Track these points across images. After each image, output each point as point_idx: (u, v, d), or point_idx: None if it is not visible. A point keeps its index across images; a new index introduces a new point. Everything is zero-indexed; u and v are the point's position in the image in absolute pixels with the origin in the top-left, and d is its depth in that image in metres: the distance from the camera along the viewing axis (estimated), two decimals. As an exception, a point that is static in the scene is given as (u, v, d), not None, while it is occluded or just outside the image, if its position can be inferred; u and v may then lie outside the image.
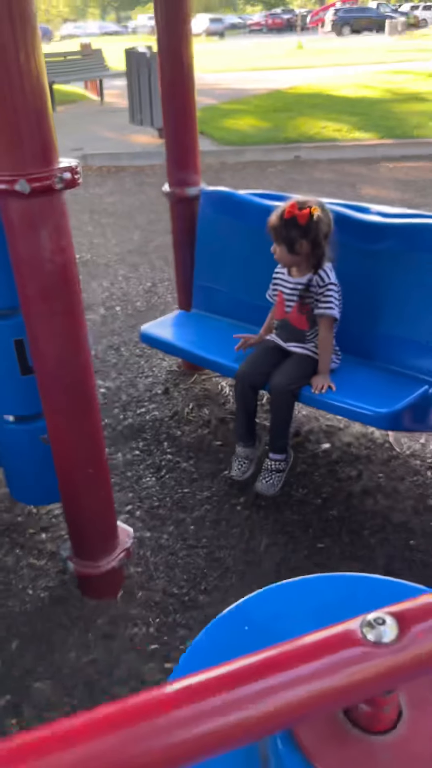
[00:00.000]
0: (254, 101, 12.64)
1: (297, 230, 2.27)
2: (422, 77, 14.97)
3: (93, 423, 1.86)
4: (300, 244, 2.30)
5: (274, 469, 2.51)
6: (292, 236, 2.29)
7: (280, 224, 2.29)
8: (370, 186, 7.18)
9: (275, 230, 2.33)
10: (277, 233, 2.33)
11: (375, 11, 43.85)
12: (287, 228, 2.28)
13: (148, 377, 3.50)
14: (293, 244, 2.31)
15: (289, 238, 2.30)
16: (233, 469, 2.60)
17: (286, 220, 2.27)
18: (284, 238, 2.31)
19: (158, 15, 2.72)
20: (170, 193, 3.04)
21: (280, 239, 2.33)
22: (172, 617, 2.08)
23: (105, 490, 1.98)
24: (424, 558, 2.25)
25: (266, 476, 2.51)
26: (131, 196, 7.23)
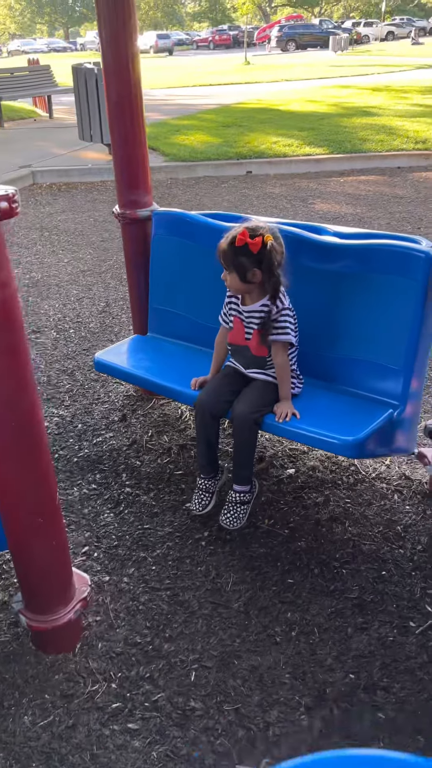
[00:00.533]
0: (204, 117, 12.66)
1: (249, 259, 2.17)
2: (367, 91, 15.29)
3: (42, 468, 1.72)
4: (252, 272, 2.20)
5: (238, 501, 2.40)
6: (244, 265, 2.18)
7: (231, 252, 2.18)
8: (321, 201, 7.21)
9: (225, 258, 2.22)
10: (228, 261, 2.21)
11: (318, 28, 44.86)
12: (238, 256, 2.17)
13: (105, 403, 3.36)
14: (245, 272, 2.20)
15: (241, 266, 2.19)
16: (193, 503, 2.48)
17: (238, 248, 2.16)
18: (236, 266, 2.20)
19: (102, 31, 2.62)
20: (121, 214, 2.93)
21: (232, 267, 2.22)
22: (135, 670, 1.94)
23: (58, 539, 1.84)
24: (396, 590, 2.17)
25: (230, 509, 2.40)
26: (83, 214, 7.08)
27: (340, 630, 2.04)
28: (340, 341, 2.43)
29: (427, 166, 8.60)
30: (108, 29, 2.59)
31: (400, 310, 2.28)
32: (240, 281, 2.23)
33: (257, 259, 2.17)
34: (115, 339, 4.07)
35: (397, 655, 1.95)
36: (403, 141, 9.23)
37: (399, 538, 2.39)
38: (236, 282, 2.25)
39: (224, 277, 2.29)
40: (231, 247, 2.18)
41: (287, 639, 2.02)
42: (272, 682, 1.89)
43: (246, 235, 2.14)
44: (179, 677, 1.92)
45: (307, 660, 1.95)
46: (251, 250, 2.15)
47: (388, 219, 6.38)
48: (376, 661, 1.94)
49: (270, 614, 2.10)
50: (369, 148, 9.04)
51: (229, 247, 2.18)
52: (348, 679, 1.89)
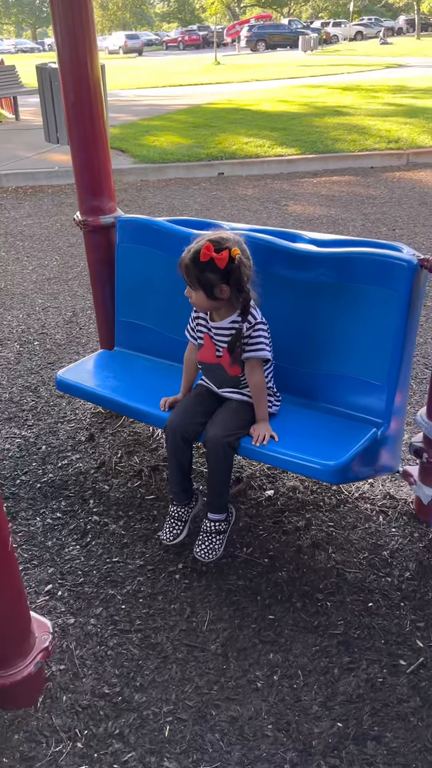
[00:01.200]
0: (174, 117, 12.48)
1: (216, 275, 1.99)
2: (337, 91, 15.25)
3: (-8, 511, 1.53)
4: (220, 289, 2.03)
5: (213, 531, 2.23)
6: (211, 281, 2.01)
7: (195, 268, 2.00)
8: (294, 202, 7.08)
9: (189, 274, 2.03)
10: (192, 278, 2.03)
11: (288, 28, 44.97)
12: (204, 272, 1.99)
13: (71, 422, 3.16)
14: (212, 289, 2.02)
15: (207, 283, 2.01)
16: (164, 532, 2.30)
17: (203, 263, 1.98)
18: (201, 283, 2.02)
19: (57, 27, 2.43)
20: (83, 221, 2.74)
21: (197, 284, 2.03)
22: (104, 726, 1.76)
23: (12, 588, 1.65)
24: (384, 624, 2.02)
25: (205, 540, 2.23)
26: (50, 218, 6.85)
27: (326, 671, 1.89)
28: (318, 356, 2.28)
29: (399, 166, 8.53)
30: (63, 25, 2.40)
31: (382, 322, 2.13)
32: (207, 299, 2.06)
33: (224, 274, 1.99)
34: (82, 351, 3.88)
35: (388, 698, 1.80)
36: (376, 140, 9.16)
37: (386, 565, 2.24)
38: (202, 300, 2.07)
39: (188, 293, 2.10)
40: (195, 262, 1.99)
41: (269, 684, 1.86)
42: (254, 735, 1.72)
43: (210, 249, 1.96)
44: (152, 733, 1.74)
45: (291, 707, 1.79)
46: (217, 265, 1.97)
47: (362, 221, 6.27)
48: (365, 707, 1.78)
49: (250, 656, 1.94)
50: (341, 148, 8.94)
51: (193, 262, 2.00)
52: (336, 729, 1.73)
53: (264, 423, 2.16)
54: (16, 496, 2.65)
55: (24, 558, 2.32)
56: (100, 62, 7.58)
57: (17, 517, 2.53)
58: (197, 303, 2.11)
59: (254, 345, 2.12)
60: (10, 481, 2.73)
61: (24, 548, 2.37)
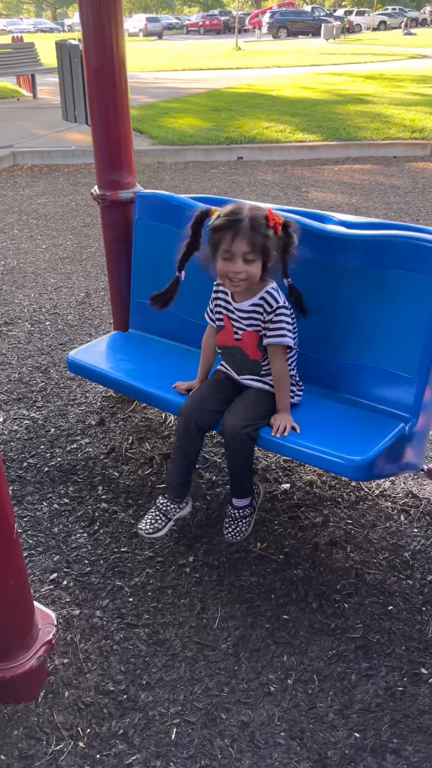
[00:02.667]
0: (193, 100, 12.29)
1: (275, 241, 1.93)
2: (360, 79, 14.99)
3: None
4: (273, 256, 1.96)
5: (239, 517, 2.12)
6: (271, 248, 1.93)
7: (259, 235, 1.88)
8: (316, 189, 6.92)
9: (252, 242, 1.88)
10: (255, 246, 1.89)
11: (310, 15, 44.38)
12: (268, 239, 1.90)
13: (81, 405, 3.06)
14: (270, 259, 1.94)
15: (269, 250, 1.93)
16: (144, 522, 2.11)
17: (271, 228, 1.90)
18: (265, 251, 1.91)
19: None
20: (100, 196, 2.62)
21: (260, 253, 1.91)
22: (107, 725, 1.67)
23: (16, 578, 1.55)
24: (405, 629, 1.91)
25: (232, 524, 2.12)
26: (65, 197, 6.73)
27: (343, 677, 1.78)
28: (345, 345, 2.16)
29: (423, 156, 8.34)
30: (88, -15, 2.27)
31: (415, 310, 2.01)
32: (263, 270, 1.96)
33: (276, 240, 1.94)
34: (94, 333, 3.77)
35: (408, 709, 1.70)
36: (399, 129, 8.95)
37: (407, 567, 2.13)
38: (258, 271, 1.94)
39: (236, 269, 1.91)
40: (266, 230, 1.89)
41: (282, 688, 1.76)
42: (265, 743, 1.63)
43: (273, 214, 1.90)
44: (158, 735, 1.65)
45: (306, 714, 1.69)
46: (276, 231, 1.92)
47: (385, 210, 6.11)
48: (384, 717, 1.68)
49: (263, 658, 1.84)
50: (364, 136, 8.75)
51: (265, 231, 1.89)
52: (353, 740, 1.63)
53: (285, 413, 2.04)
54: (23, 479, 2.56)
55: (29, 544, 2.23)
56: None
57: (23, 501, 2.44)
58: (253, 275, 1.94)
59: (276, 330, 2.00)
60: (17, 464, 2.64)
61: (29, 534, 2.28)
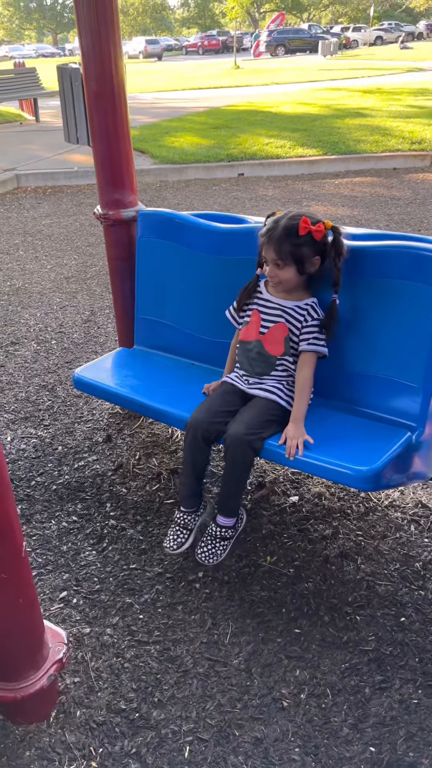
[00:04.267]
0: (194, 119, 12.42)
1: (311, 248, 2.04)
2: (358, 93, 15.11)
3: (6, 512, 1.44)
4: (312, 262, 2.07)
5: (218, 537, 2.12)
6: (305, 255, 2.04)
7: (289, 243, 2.02)
8: (317, 203, 6.96)
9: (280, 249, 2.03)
10: (283, 252, 2.03)
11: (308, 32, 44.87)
12: (300, 246, 2.03)
13: (88, 422, 3.07)
14: (305, 263, 2.06)
15: (301, 257, 2.04)
16: (168, 540, 2.18)
17: (300, 237, 2.02)
18: (295, 257, 2.04)
19: (80, 13, 2.34)
20: (103, 215, 2.65)
21: (289, 259, 2.04)
22: (120, 744, 1.66)
23: (25, 596, 1.55)
24: (418, 641, 1.89)
25: (208, 543, 2.12)
26: (68, 218, 6.80)
27: (357, 691, 1.77)
28: (350, 355, 2.16)
29: (423, 167, 8.38)
30: (86, 13, 2.32)
31: (419, 319, 2.01)
32: (297, 274, 2.07)
33: (320, 247, 2.05)
34: (100, 350, 3.79)
35: (424, 721, 1.68)
36: (399, 142, 9.01)
37: (418, 577, 2.12)
38: (293, 275, 2.07)
39: (270, 273, 2.10)
40: (289, 236, 2.01)
41: (296, 703, 1.74)
42: (280, 759, 1.61)
43: (308, 222, 2.01)
44: (171, 753, 1.63)
45: (320, 729, 1.67)
46: (314, 238, 2.02)
47: (386, 221, 6.14)
48: (399, 730, 1.66)
49: (275, 672, 1.82)
50: (364, 149, 8.81)
51: (286, 236, 2.01)
52: (368, 754, 1.61)
53: (299, 424, 2.03)
54: (31, 498, 2.56)
55: (38, 563, 2.23)
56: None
57: (32, 520, 2.44)
58: (287, 280, 2.09)
59: (316, 339, 2.09)
60: (25, 483, 2.64)
61: (38, 552, 2.28)
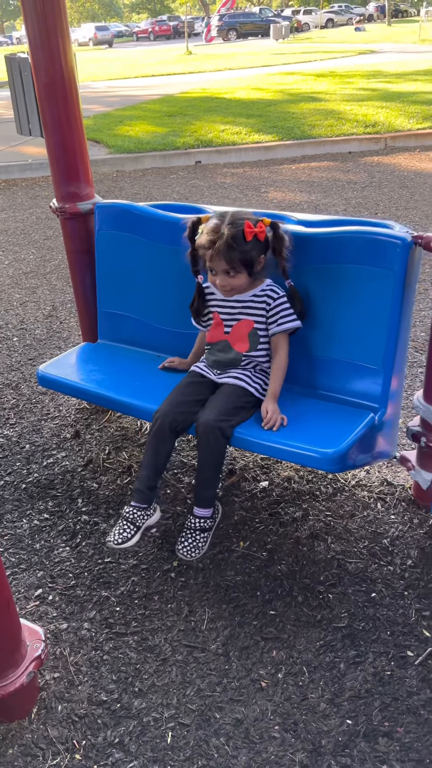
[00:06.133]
0: (148, 107, 12.30)
1: (258, 250, 2.04)
2: (311, 77, 15.16)
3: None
4: (259, 261, 2.07)
5: (198, 528, 2.14)
6: (254, 258, 2.04)
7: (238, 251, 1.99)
8: (275, 189, 6.99)
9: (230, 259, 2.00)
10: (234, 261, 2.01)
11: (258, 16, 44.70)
12: (248, 251, 2.01)
13: (55, 419, 3.06)
14: (255, 266, 2.06)
15: (252, 261, 2.04)
16: (113, 534, 2.20)
17: (248, 243, 2.00)
18: (246, 263, 2.03)
19: (26, 4, 2.31)
20: (59, 209, 2.62)
21: (241, 266, 2.03)
22: (102, 734, 1.68)
23: (1, 597, 1.55)
24: (389, 615, 1.95)
25: (188, 537, 2.14)
26: (24, 211, 6.69)
27: (332, 667, 1.82)
28: (311, 340, 2.20)
29: (378, 150, 8.47)
30: (31, 1, 2.28)
31: (377, 303, 2.05)
32: (248, 277, 2.08)
33: (264, 246, 2.05)
34: (63, 346, 3.77)
35: (397, 692, 1.74)
36: (353, 125, 9.08)
37: (387, 553, 2.18)
38: (245, 280, 2.08)
39: (221, 281, 2.07)
40: (237, 243, 1.99)
41: (274, 683, 1.78)
42: (260, 737, 1.65)
43: (251, 226, 1.99)
44: (153, 740, 1.66)
45: (298, 706, 1.72)
46: (259, 239, 2.02)
47: (344, 205, 6.20)
48: (374, 702, 1.72)
49: (252, 655, 1.86)
50: (319, 133, 8.85)
51: (234, 244, 1.98)
52: (345, 726, 1.66)
53: (274, 402, 2.09)
54: (0, 497, 2.54)
55: (11, 562, 2.22)
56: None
57: (2, 519, 2.43)
58: (239, 285, 2.09)
59: (285, 317, 2.12)
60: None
61: (11, 552, 2.27)
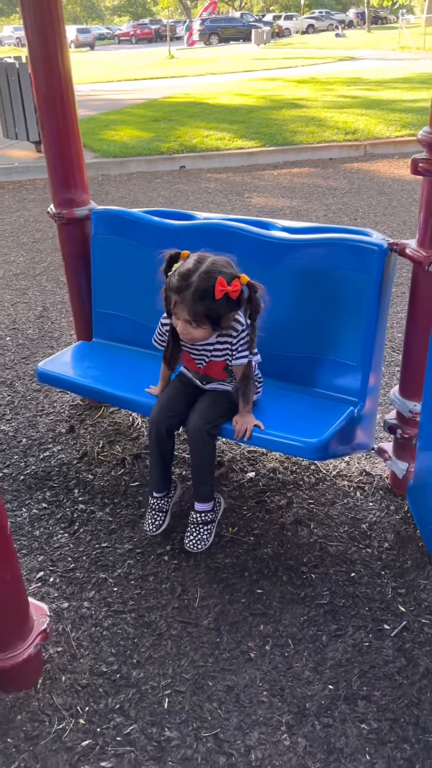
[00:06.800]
0: (132, 111, 12.43)
1: (227, 307, 1.96)
2: (293, 84, 15.41)
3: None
4: (227, 317, 2.00)
5: (200, 522, 2.28)
6: (221, 314, 1.96)
7: (203, 305, 1.91)
8: (257, 194, 7.17)
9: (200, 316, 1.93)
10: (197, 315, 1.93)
11: (240, 21, 45.03)
12: (214, 309, 1.93)
13: (50, 415, 3.19)
14: (221, 322, 1.99)
15: (217, 317, 1.96)
16: (147, 524, 2.35)
17: (216, 301, 1.91)
18: (211, 319, 1.95)
19: (28, 22, 2.44)
20: (57, 214, 2.76)
21: (204, 321, 1.95)
22: (104, 702, 1.82)
23: (12, 572, 1.69)
24: (368, 592, 2.12)
25: (193, 531, 2.27)
26: (12, 214, 6.78)
27: (315, 639, 1.98)
28: (295, 340, 2.36)
29: (358, 157, 8.70)
30: (34, 18, 2.42)
31: (356, 305, 2.22)
32: (212, 331, 2.02)
33: (236, 303, 1.97)
34: (55, 345, 3.89)
35: (375, 660, 1.90)
36: (334, 132, 9.31)
37: (365, 537, 2.35)
38: (207, 334, 2.01)
39: (181, 330, 2.00)
40: (203, 299, 1.90)
41: (262, 654, 1.94)
42: (250, 702, 1.80)
43: (224, 284, 1.90)
44: (151, 705, 1.80)
45: (284, 674, 1.87)
46: (231, 297, 1.94)
47: (324, 211, 6.40)
48: (354, 669, 1.88)
49: (241, 629, 2.02)
50: (300, 140, 9.06)
51: (200, 300, 1.90)
52: (327, 691, 1.82)
53: (248, 414, 2.17)
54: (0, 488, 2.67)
55: (13, 548, 2.35)
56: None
57: (3, 508, 2.55)
58: (199, 338, 2.02)
59: (243, 353, 2.10)
60: (-8, 475, 2.75)
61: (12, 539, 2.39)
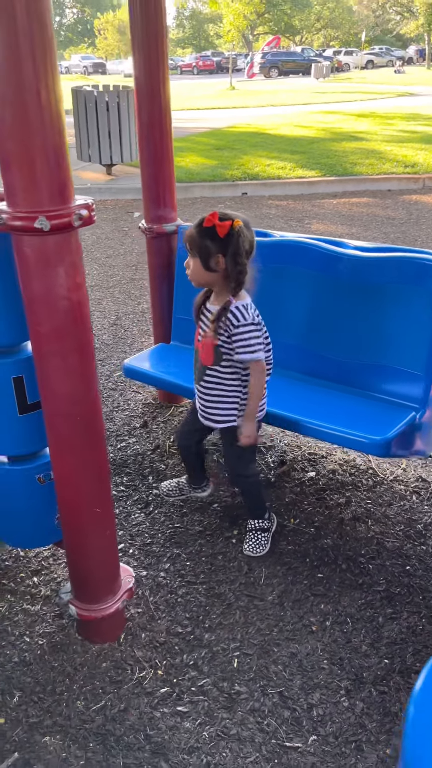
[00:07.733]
0: (197, 139, 12.93)
1: (214, 243, 2.00)
2: (352, 117, 15.73)
3: (101, 460, 1.82)
4: (216, 259, 2.02)
5: (257, 529, 2.45)
6: (209, 249, 2.01)
7: (197, 235, 2.01)
8: (317, 221, 7.43)
9: (191, 241, 2.04)
10: (193, 244, 2.04)
11: (301, 55, 45.96)
12: (204, 239, 2.00)
13: (125, 411, 3.46)
14: (209, 258, 2.02)
15: (206, 250, 2.01)
16: (166, 483, 2.72)
17: (205, 229, 1.99)
18: (200, 250, 2.02)
19: (137, 55, 2.77)
20: (148, 229, 3.06)
21: (195, 252, 2.05)
22: (180, 658, 2.03)
23: (110, 529, 1.93)
24: (422, 584, 2.29)
25: (252, 537, 2.45)
26: (85, 231, 7.19)
27: (372, 620, 2.15)
28: (364, 348, 2.57)
29: (417, 189, 8.90)
30: (141, 54, 2.75)
31: (420, 317, 2.43)
32: (202, 269, 2.05)
33: (223, 244, 1.99)
34: (128, 350, 4.19)
35: (428, 641, 2.07)
36: (393, 165, 9.55)
37: (420, 536, 2.51)
38: (198, 269, 2.06)
39: (187, 264, 2.11)
40: (198, 228, 2.01)
41: (322, 628, 2.12)
42: (312, 668, 1.99)
43: (215, 216, 1.98)
44: (222, 664, 2.01)
45: (343, 647, 2.06)
46: (218, 233, 1.97)
47: (383, 239, 6.61)
48: (408, 648, 2.05)
49: (304, 606, 2.21)
50: (360, 171, 9.33)
51: (196, 229, 2.02)
52: (383, 664, 2.00)
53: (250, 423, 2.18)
54: (82, 472, 2.93)
55: (96, 523, 2.60)
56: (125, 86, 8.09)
57: (85, 489, 2.82)
58: (193, 272, 2.09)
59: (246, 347, 2.08)
60: (75, 460, 3.02)
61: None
